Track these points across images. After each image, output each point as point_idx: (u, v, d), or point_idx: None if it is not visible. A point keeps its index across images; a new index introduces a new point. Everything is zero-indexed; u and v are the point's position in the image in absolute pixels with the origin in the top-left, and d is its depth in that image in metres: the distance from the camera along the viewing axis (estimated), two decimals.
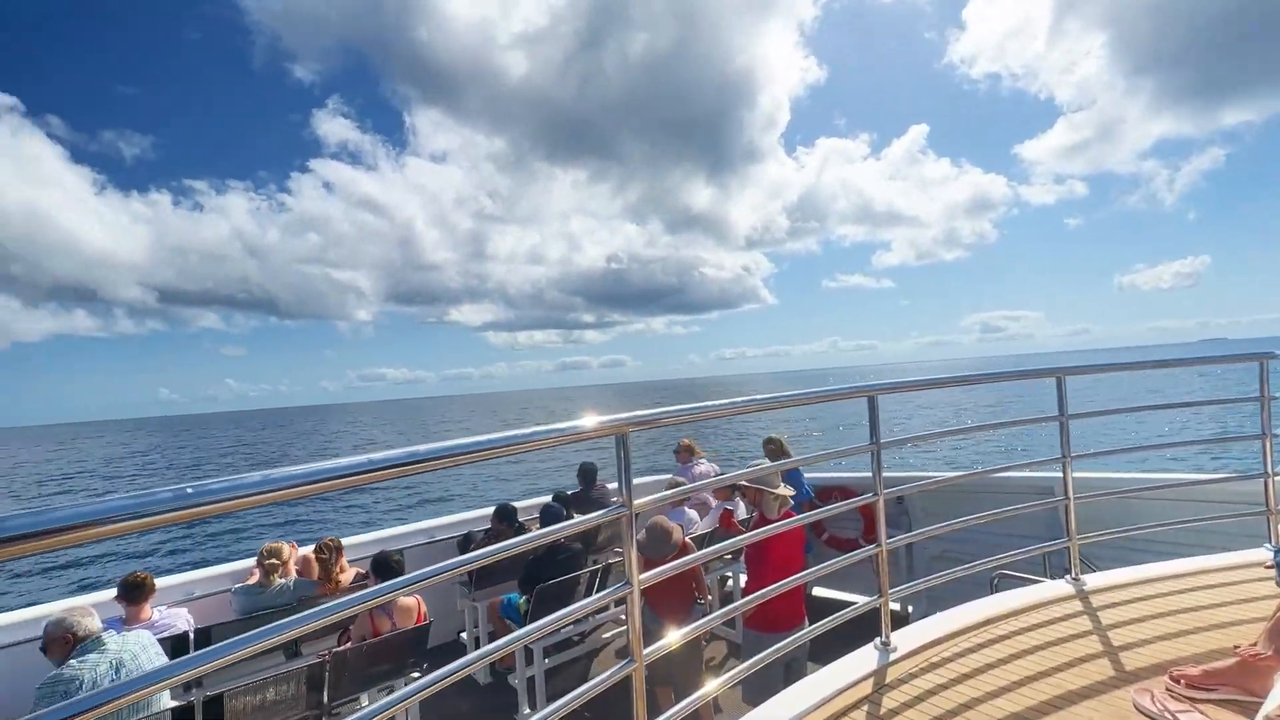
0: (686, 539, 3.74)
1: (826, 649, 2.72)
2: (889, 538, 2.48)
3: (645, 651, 1.66)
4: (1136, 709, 1.94)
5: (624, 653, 5.18)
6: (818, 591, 5.94)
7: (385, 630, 3.56)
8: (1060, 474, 3.06)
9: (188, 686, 3.38)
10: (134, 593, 3.51)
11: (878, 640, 2.45)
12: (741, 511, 5.35)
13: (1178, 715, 1.86)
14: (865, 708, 2.05)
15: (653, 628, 3.44)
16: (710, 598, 3.73)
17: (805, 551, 3.50)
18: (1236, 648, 2.01)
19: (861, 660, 2.34)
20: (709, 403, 1.86)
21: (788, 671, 3.22)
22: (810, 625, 2.42)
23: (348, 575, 4.39)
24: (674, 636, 1.84)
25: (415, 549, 5.34)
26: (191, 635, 3.58)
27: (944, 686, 2.15)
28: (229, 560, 5.02)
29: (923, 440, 2.78)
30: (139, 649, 2.79)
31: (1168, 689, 1.99)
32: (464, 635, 5.34)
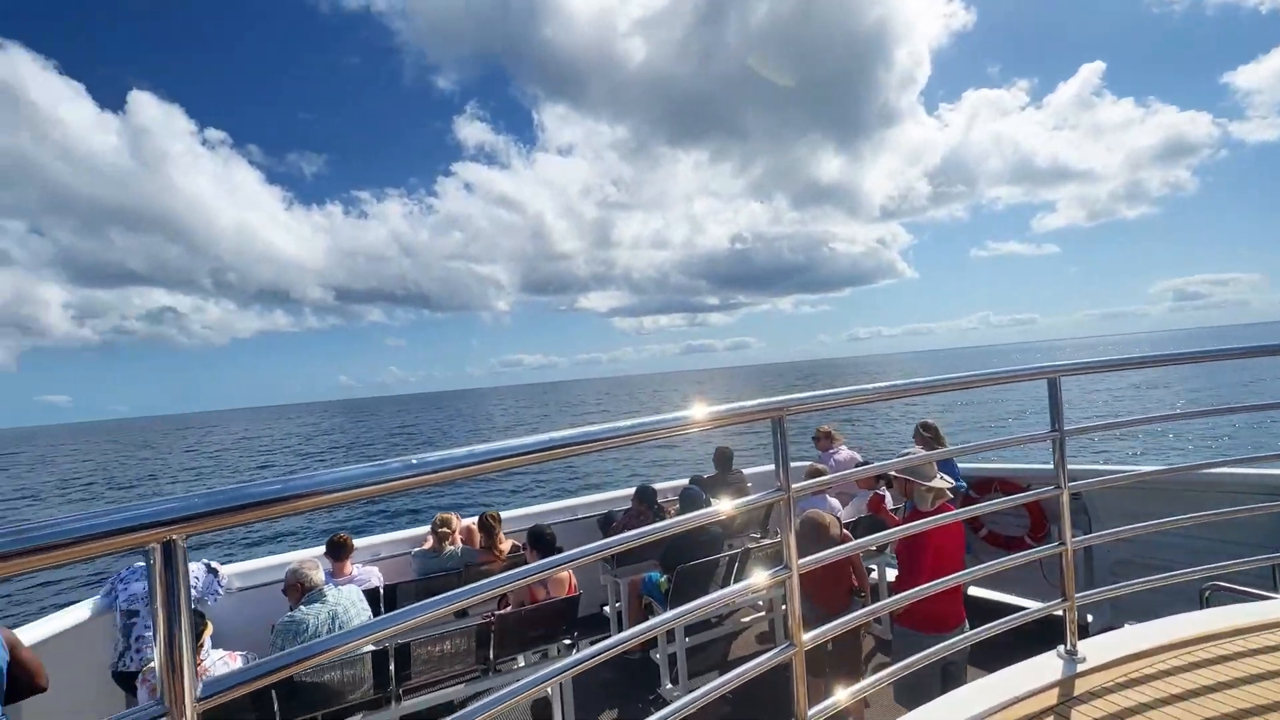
0: (845, 530, 3.61)
1: (987, 654, 2.51)
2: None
3: (805, 638, 1.64)
4: None
5: (765, 638, 5.19)
6: (974, 592, 5.49)
7: (541, 598, 3.85)
8: None
9: None
10: (339, 551, 4.19)
11: (1061, 648, 2.22)
12: (889, 500, 5.08)
13: None
14: (1049, 719, 1.87)
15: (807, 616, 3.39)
16: (866, 592, 3.58)
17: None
18: None
19: (1042, 668, 2.13)
20: (866, 385, 1.77)
21: (944, 674, 3.02)
22: (971, 628, 2.25)
23: (506, 546, 4.83)
24: (830, 626, 1.79)
25: (559, 525, 5.69)
26: (381, 590, 4.18)
27: (1148, 706, 1.90)
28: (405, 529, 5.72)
29: (1115, 428, 2.44)
30: (349, 603, 3.32)
31: None
32: (607, 609, 5.61)
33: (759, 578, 1.70)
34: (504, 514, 5.42)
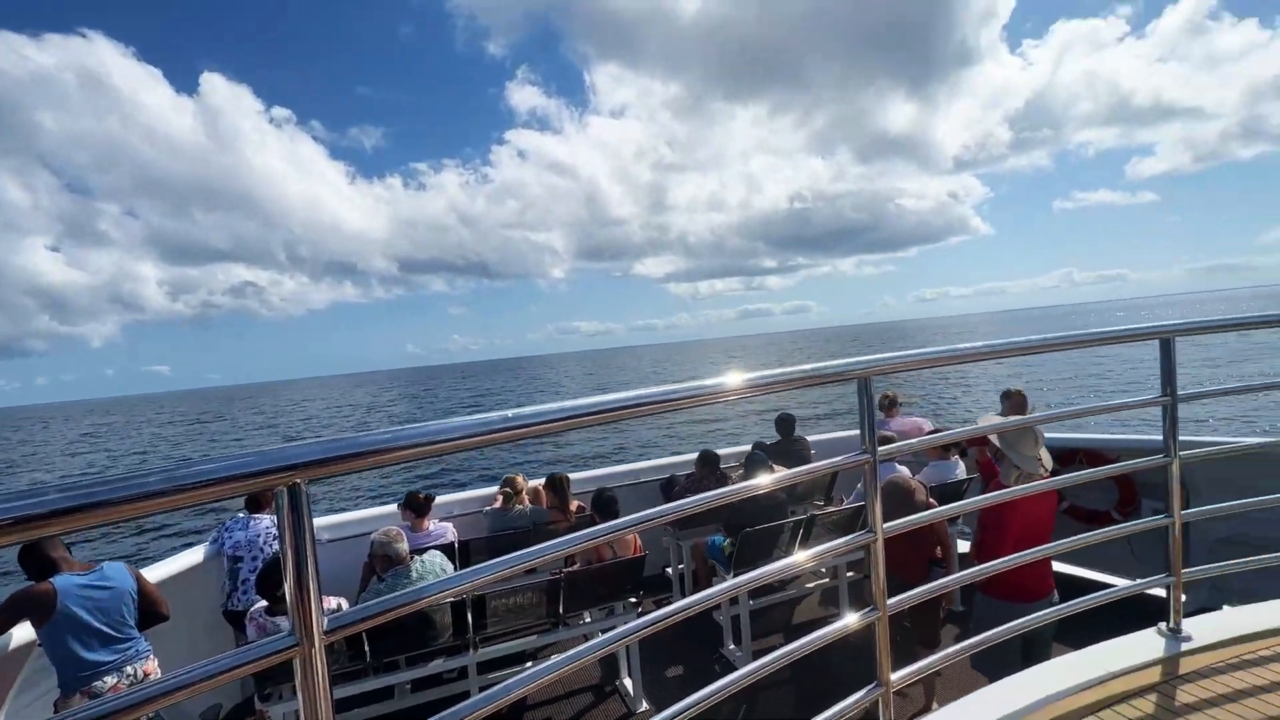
0: (930, 498, 3.47)
1: (1072, 631, 2.39)
2: (1157, 513, 2.07)
3: (889, 603, 1.60)
4: None
5: (829, 603, 5.14)
6: (1058, 567, 5.23)
7: (607, 557, 3.94)
8: None
9: None
10: (420, 507, 4.44)
11: (1163, 625, 2.07)
12: (962, 471, 4.87)
13: None
14: (1152, 697, 1.76)
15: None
16: (950, 563, 3.44)
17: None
18: None
19: (1142, 645, 2.00)
20: (959, 345, 1.66)
21: (1026, 647, 2.90)
22: (1061, 600, 2.13)
23: (574, 506, 4.99)
24: (916, 593, 1.73)
25: (622, 488, 5.78)
26: (456, 546, 4.40)
27: (1261, 690, 1.75)
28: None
29: (1232, 394, 2.22)
30: (431, 578, 3.48)
31: None
32: (669, 570, 5.71)
33: (836, 542, 1.65)
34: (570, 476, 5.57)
